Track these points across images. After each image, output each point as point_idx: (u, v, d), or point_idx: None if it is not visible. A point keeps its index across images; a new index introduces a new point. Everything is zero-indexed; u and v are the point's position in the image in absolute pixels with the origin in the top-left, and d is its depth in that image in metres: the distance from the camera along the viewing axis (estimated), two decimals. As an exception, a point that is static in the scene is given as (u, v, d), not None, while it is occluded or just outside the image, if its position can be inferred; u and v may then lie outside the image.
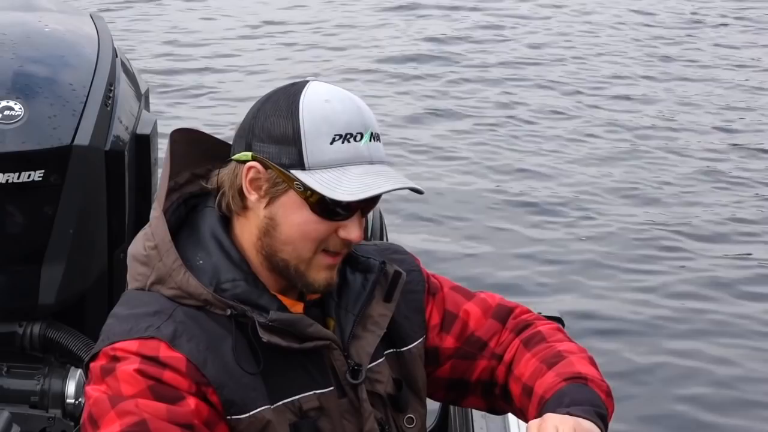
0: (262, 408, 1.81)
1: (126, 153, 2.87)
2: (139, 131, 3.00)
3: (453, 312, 2.08)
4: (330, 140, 1.79)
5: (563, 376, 1.92)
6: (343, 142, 1.79)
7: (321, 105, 1.81)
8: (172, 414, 1.73)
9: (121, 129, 2.89)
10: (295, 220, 1.82)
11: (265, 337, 1.81)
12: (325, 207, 1.80)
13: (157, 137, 3.10)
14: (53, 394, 2.77)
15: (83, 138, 2.72)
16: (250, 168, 1.82)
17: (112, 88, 2.89)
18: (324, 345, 1.88)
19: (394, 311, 1.99)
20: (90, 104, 2.77)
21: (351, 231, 1.83)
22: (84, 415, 1.78)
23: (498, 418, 2.67)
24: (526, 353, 2.02)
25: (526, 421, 1.96)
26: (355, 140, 1.80)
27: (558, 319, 3.27)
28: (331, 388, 1.88)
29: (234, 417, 1.80)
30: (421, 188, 1.85)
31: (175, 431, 1.72)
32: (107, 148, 2.80)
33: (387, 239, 3.46)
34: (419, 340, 2.04)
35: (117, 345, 1.79)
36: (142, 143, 2.99)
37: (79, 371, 2.81)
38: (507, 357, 2.04)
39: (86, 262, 2.81)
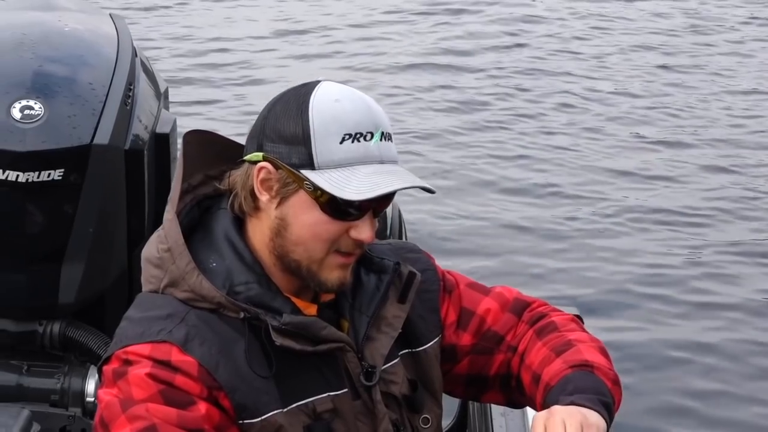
0: (275, 412, 1.81)
1: (145, 152, 2.87)
2: (158, 130, 3.01)
3: (469, 309, 2.07)
4: (340, 140, 1.78)
5: (570, 363, 1.91)
6: (353, 142, 1.78)
7: (331, 105, 1.80)
8: (182, 419, 1.73)
9: (140, 128, 2.89)
10: (306, 221, 1.81)
11: (279, 340, 1.81)
12: (335, 207, 1.79)
13: (177, 136, 3.11)
14: (73, 393, 2.78)
15: (103, 137, 2.73)
16: (261, 168, 1.82)
17: (132, 87, 2.90)
18: (338, 347, 1.87)
19: (408, 312, 1.98)
20: (109, 103, 2.78)
21: (362, 231, 1.82)
22: (96, 419, 1.79)
23: (517, 414, 2.67)
24: (537, 342, 2.01)
25: (535, 410, 1.96)
26: (365, 139, 1.79)
27: (577, 317, 3.28)
28: (345, 390, 1.88)
29: (246, 421, 1.79)
30: (432, 187, 1.85)
31: None
32: (127, 147, 2.81)
33: (406, 238, 3.46)
34: (435, 340, 2.03)
35: (129, 348, 1.79)
36: (162, 142, 3.00)
37: (99, 370, 2.82)
38: (521, 348, 2.03)
39: (106, 262, 2.82)
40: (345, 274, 1.86)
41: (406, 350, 2.00)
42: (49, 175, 2.66)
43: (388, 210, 3.30)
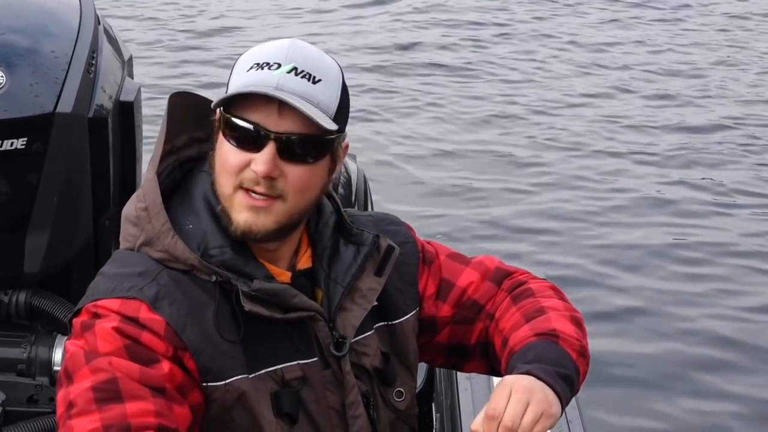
0: (239, 377, 1.81)
1: (109, 120, 2.86)
2: (122, 98, 2.99)
3: (450, 280, 2.07)
4: (247, 68, 1.80)
5: (535, 331, 1.92)
6: (256, 70, 1.79)
7: (259, 46, 1.83)
8: (144, 375, 1.73)
9: (104, 96, 2.87)
10: (219, 154, 1.83)
11: (248, 306, 1.81)
12: (230, 130, 1.79)
13: (141, 104, 3.10)
14: (40, 362, 2.78)
15: (66, 105, 2.71)
16: (214, 120, 1.85)
17: (95, 55, 2.87)
18: (308, 316, 1.88)
19: (385, 284, 1.98)
20: (72, 72, 2.76)
21: (258, 163, 1.79)
22: (61, 369, 1.79)
23: (482, 378, 2.68)
24: (512, 308, 2.02)
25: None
26: (269, 69, 1.79)
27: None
28: (315, 359, 1.88)
29: (210, 384, 1.80)
30: (326, 126, 1.79)
31: (145, 393, 1.72)
32: (90, 115, 2.79)
33: (371, 203, 3.46)
34: (411, 313, 2.03)
35: (99, 302, 1.80)
36: (126, 110, 2.99)
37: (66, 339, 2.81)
38: (498, 314, 2.04)
39: (71, 230, 2.81)
40: (254, 218, 1.82)
41: (382, 323, 2.00)
42: (11, 144, 2.64)
43: (353, 175, 3.30)
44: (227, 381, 1.81)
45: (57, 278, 2.85)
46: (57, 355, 2.78)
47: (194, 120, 1.94)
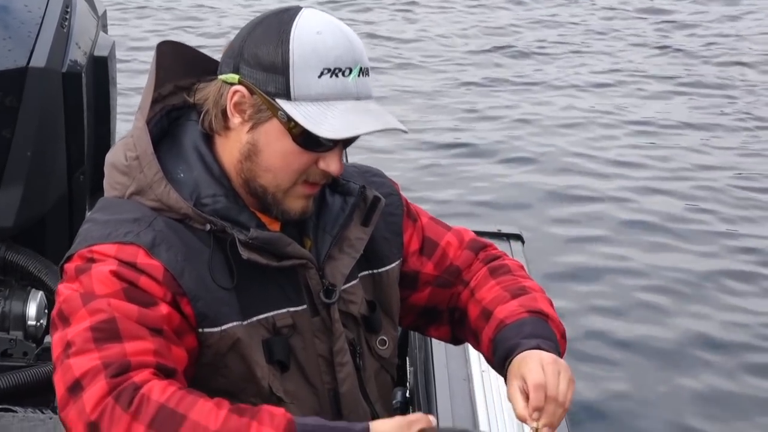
0: (234, 324, 1.82)
1: (84, 75, 2.85)
2: (96, 53, 2.98)
3: (433, 239, 2.10)
4: (318, 73, 1.78)
5: (526, 308, 1.97)
6: (331, 77, 1.78)
7: (312, 37, 1.79)
8: (143, 316, 1.73)
9: (78, 51, 2.86)
10: (277, 149, 1.82)
11: (245, 254, 1.81)
12: (308, 139, 1.80)
13: (115, 59, 3.09)
14: (14, 317, 2.78)
15: (39, 60, 2.70)
16: (235, 91, 1.82)
17: (69, 9, 2.86)
18: (300, 264, 1.89)
19: (371, 234, 2.00)
20: (46, 26, 2.75)
21: (331, 163, 1.83)
22: (54, 312, 1.78)
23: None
24: (490, 280, 2.06)
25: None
26: (343, 75, 1.79)
27: (518, 236, 3.32)
28: (305, 306, 1.89)
29: (206, 330, 1.80)
30: (405, 128, 1.85)
31: (144, 333, 1.72)
32: (64, 70, 2.78)
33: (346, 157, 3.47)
34: (396, 263, 2.05)
35: (95, 248, 1.79)
36: (100, 65, 2.98)
37: (40, 293, 2.82)
38: (473, 283, 2.08)
39: (45, 185, 2.81)
40: (308, 204, 1.88)
41: (367, 272, 2.02)
42: (-16, 98, 2.64)
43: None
44: (222, 327, 1.81)
45: (31, 233, 2.86)
46: (31, 310, 2.79)
47: (180, 69, 1.94)
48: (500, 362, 1.94)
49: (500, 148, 7.56)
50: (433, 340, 2.67)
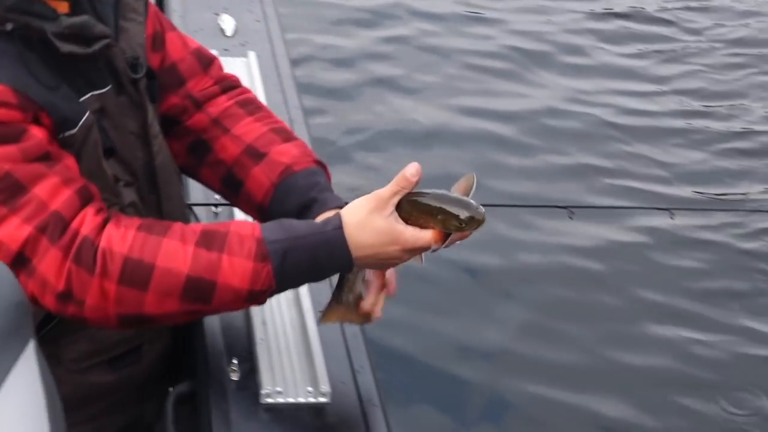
0: (84, 118, 1.73)
1: None
2: None
3: (159, 31, 2.02)
4: None
5: (309, 156, 1.97)
6: None
7: None
8: (25, 152, 1.64)
9: None
10: None
11: (65, 47, 1.68)
12: None
13: None
14: None
15: None
16: None
17: None
18: (108, 43, 1.76)
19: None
20: None
21: None
22: None
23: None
24: (246, 117, 2.02)
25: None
26: None
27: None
28: (109, 86, 1.79)
29: (68, 133, 1.71)
30: None
31: (38, 168, 1.65)
32: None
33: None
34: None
35: None
36: None
37: None
38: (214, 111, 2.03)
39: None
40: None
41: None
42: None
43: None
44: (79, 126, 1.72)
45: None
46: None
47: None
48: (293, 209, 1.90)
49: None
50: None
